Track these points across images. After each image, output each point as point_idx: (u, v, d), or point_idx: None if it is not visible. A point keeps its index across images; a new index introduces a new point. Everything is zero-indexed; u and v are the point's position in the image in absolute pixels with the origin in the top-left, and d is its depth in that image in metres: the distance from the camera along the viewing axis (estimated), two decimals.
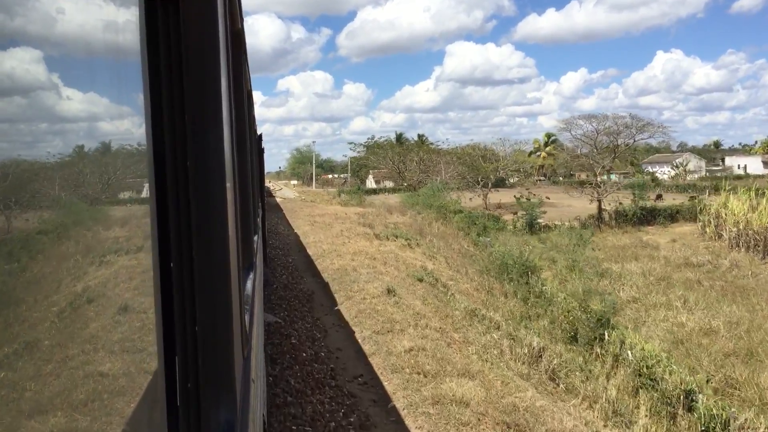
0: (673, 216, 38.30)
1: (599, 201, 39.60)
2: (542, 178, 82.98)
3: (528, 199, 41.31)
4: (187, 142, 1.21)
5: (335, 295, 10.24)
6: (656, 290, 21.35)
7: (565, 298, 16.69)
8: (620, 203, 38.60)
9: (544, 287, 18.09)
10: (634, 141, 45.28)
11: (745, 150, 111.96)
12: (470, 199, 43.81)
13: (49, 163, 0.64)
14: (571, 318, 14.71)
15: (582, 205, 41.64)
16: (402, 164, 59.11)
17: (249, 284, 2.71)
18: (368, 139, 64.64)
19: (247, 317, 2.03)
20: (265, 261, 11.40)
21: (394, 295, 10.13)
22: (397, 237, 18.09)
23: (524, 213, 36.72)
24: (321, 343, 7.67)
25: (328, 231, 18.18)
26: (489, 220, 33.99)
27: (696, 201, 38.98)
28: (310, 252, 14.32)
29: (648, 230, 35.88)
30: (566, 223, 36.50)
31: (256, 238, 4.56)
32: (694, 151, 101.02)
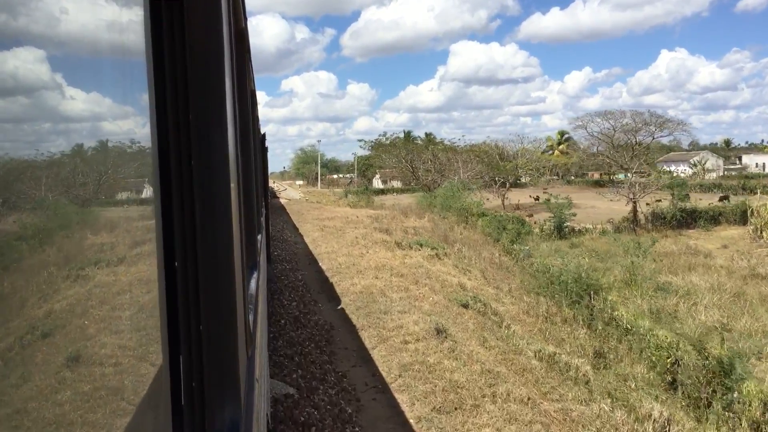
0: (715, 218, 35.44)
1: (635, 202, 36.65)
2: (555, 177, 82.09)
3: (548, 200, 38.93)
4: (192, 142, 1.21)
5: (362, 334, 8.07)
6: (740, 311, 17.20)
7: (651, 330, 13.21)
8: (648, 204, 36.62)
9: (615, 312, 14.77)
10: (653, 138, 44.10)
11: (759, 148, 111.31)
12: (487, 199, 41.26)
13: (52, 162, 0.64)
14: (669, 361, 11.64)
15: (606, 206, 38.95)
16: (413, 163, 57.99)
17: (253, 283, 2.71)
18: (379, 136, 63.75)
19: (251, 316, 2.03)
20: (269, 259, 11.47)
21: (445, 338, 7.96)
22: (421, 245, 15.97)
23: (551, 216, 33.62)
24: (355, 429, 5.53)
25: (341, 238, 16.25)
26: (515, 224, 29.74)
27: (742, 202, 36.51)
28: (323, 266, 12.38)
29: (690, 234, 32.66)
30: (598, 227, 33.94)
31: (259, 237, 4.57)
32: (707, 149, 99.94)
